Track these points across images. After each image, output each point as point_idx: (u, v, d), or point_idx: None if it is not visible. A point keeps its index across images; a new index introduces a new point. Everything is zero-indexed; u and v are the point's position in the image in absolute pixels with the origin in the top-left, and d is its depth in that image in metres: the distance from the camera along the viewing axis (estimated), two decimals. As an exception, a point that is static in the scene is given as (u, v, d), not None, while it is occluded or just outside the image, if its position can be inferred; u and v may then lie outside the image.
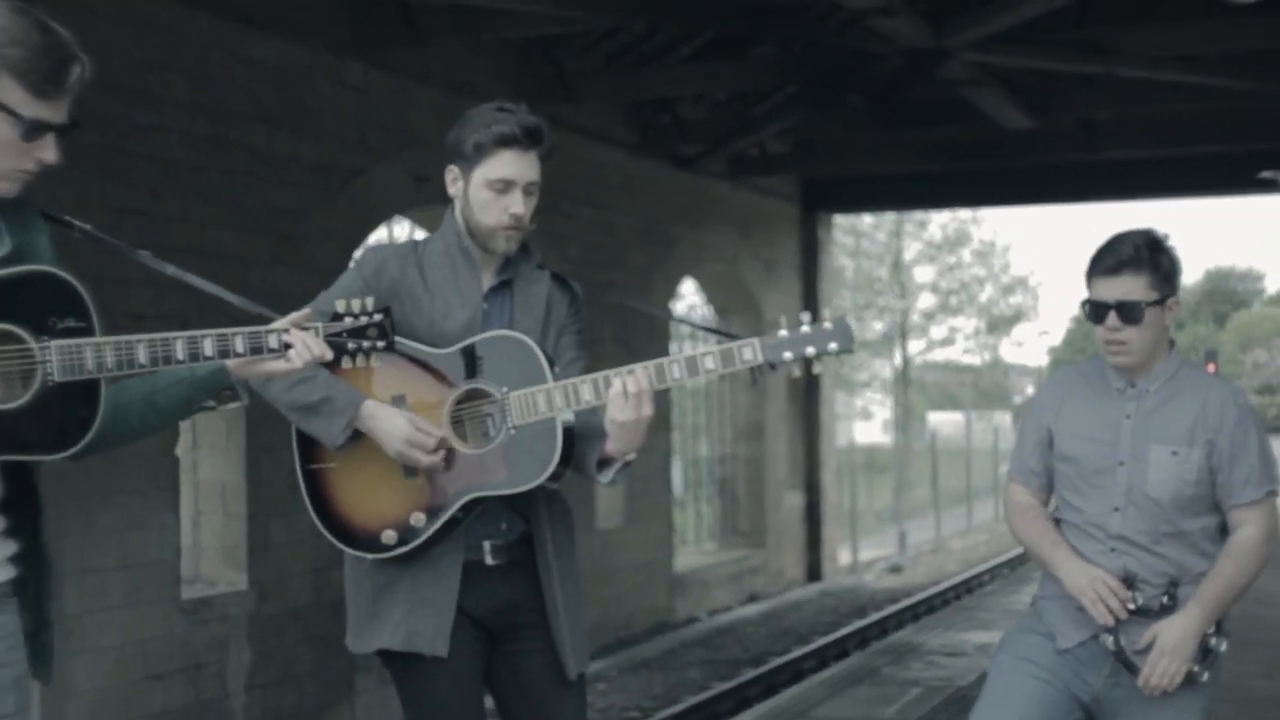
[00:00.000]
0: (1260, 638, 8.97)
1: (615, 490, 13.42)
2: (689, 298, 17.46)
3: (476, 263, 3.85)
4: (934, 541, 24.39)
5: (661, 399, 13.94)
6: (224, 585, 9.28)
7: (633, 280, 13.67)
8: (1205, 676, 3.95)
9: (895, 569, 20.22)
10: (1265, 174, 9.21)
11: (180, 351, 2.94)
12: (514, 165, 3.83)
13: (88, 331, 2.86)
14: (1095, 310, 4.04)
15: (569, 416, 3.70)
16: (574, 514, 3.97)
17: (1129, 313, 3.99)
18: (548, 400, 3.65)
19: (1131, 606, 3.95)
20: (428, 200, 10.68)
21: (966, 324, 41.63)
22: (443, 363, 3.76)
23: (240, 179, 9.07)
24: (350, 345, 3.11)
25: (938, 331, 41.26)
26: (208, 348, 2.97)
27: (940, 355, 43.13)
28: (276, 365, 3.08)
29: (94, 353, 2.84)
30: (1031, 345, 43.19)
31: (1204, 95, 12.41)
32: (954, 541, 24.66)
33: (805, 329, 3.54)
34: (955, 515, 27.03)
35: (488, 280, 3.87)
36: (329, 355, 3.10)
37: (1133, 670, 3.96)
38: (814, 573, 17.79)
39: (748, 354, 3.56)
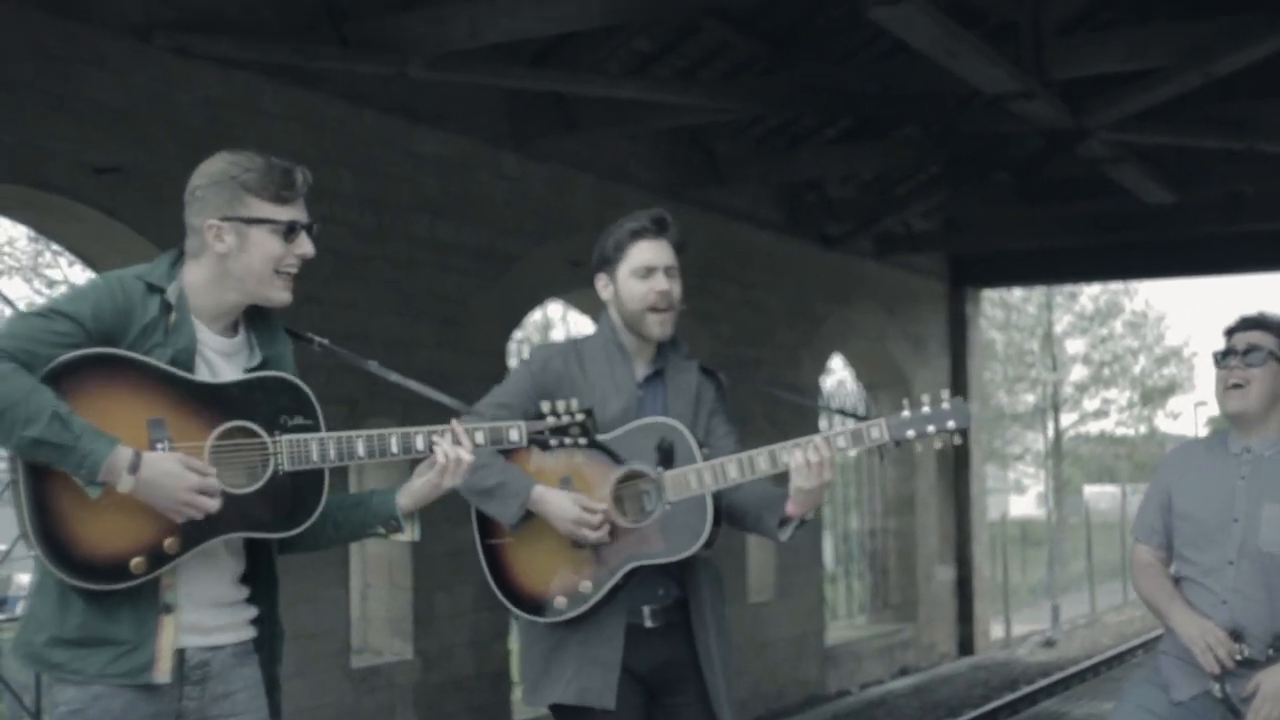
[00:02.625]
0: None
1: (766, 564, 13.66)
2: (838, 373, 17.68)
3: (630, 356, 4.27)
4: (1088, 616, 24.19)
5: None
6: (390, 655, 9.62)
7: (781, 357, 13.95)
8: None
9: (1048, 643, 20.10)
10: None
11: (395, 446, 3.42)
12: (650, 251, 4.28)
13: (314, 428, 3.38)
14: (1221, 355, 4.37)
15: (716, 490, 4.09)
16: (724, 581, 4.34)
17: (1251, 356, 4.29)
18: (698, 478, 4.08)
19: (1238, 657, 4.21)
20: (582, 284, 11.06)
21: (1120, 396, 41.20)
22: (604, 447, 4.15)
23: (404, 267, 9.52)
24: (553, 442, 3.55)
25: (1090, 403, 40.89)
26: (393, 445, 3.44)
27: (1094, 427, 42.68)
28: (438, 486, 3.52)
29: (319, 446, 3.35)
30: (1188, 416, 42.55)
31: (1349, 168, 12.44)
32: (1109, 616, 24.42)
33: (925, 409, 3.92)
34: (1110, 589, 26.76)
35: (641, 371, 4.30)
36: (468, 458, 3.51)
37: (1238, 716, 4.19)
38: (966, 646, 17.80)
39: (875, 433, 3.98)
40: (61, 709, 3.28)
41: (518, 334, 11.05)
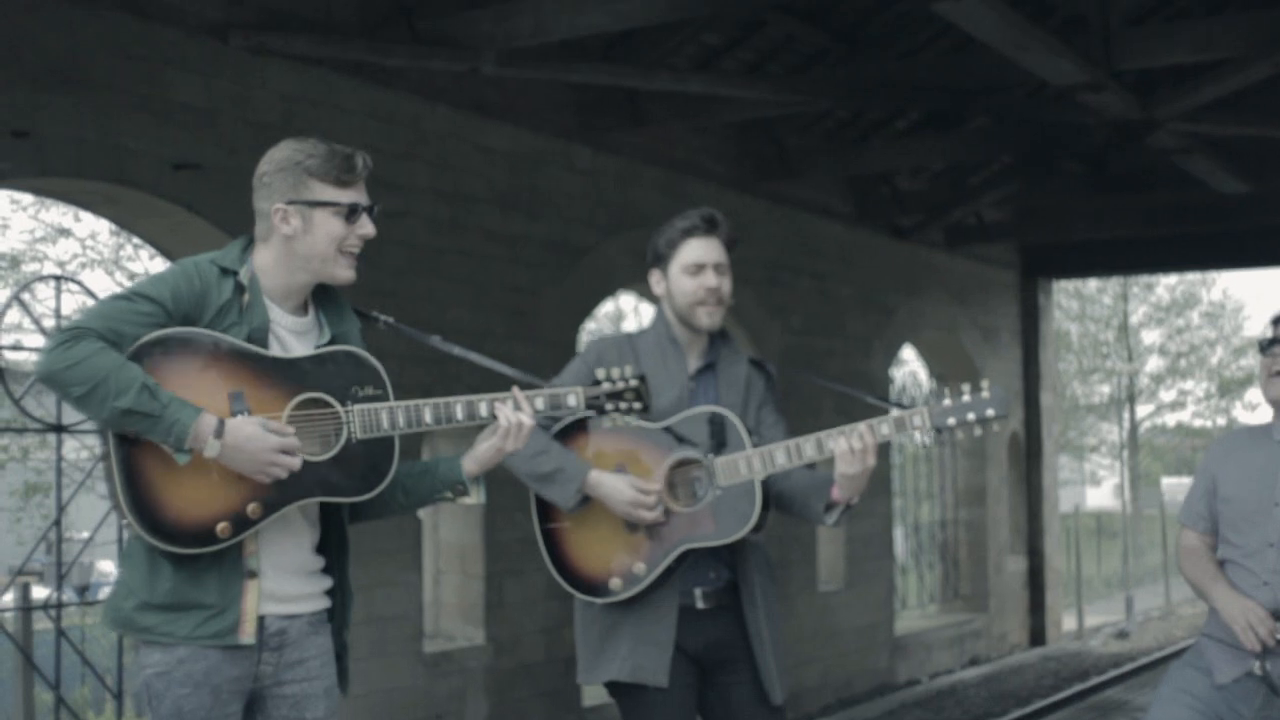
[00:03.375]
0: None
1: (836, 554, 13.75)
2: (909, 364, 17.70)
3: (683, 350, 4.44)
4: (1163, 608, 24.07)
5: (882, 466, 14.24)
6: (462, 640, 9.78)
7: (852, 348, 14.02)
8: None
9: (1121, 635, 20.04)
10: None
11: (460, 412, 3.64)
12: (701, 249, 4.47)
13: (383, 398, 3.59)
14: (1268, 344, 4.47)
15: (765, 476, 4.27)
16: (774, 566, 4.54)
17: None
18: (748, 464, 4.25)
19: (1279, 636, 4.29)
20: (651, 275, 11.20)
21: (1197, 387, 40.86)
22: (658, 434, 4.35)
23: (477, 259, 9.68)
24: (608, 406, 3.74)
25: (1167, 395, 40.57)
26: (459, 412, 3.66)
27: (1170, 419, 42.37)
28: (501, 450, 3.70)
29: (388, 415, 3.56)
30: (1265, 408, 42.12)
31: None
32: (1184, 608, 24.27)
33: (965, 398, 4.08)
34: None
35: (694, 363, 4.50)
36: (529, 421, 3.70)
37: (1278, 693, 4.29)
38: (1037, 637, 17.79)
39: (917, 420, 4.15)
40: (147, 671, 3.49)
41: (589, 325, 11.17)
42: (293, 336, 3.63)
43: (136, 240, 17.76)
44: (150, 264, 19.21)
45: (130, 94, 7.55)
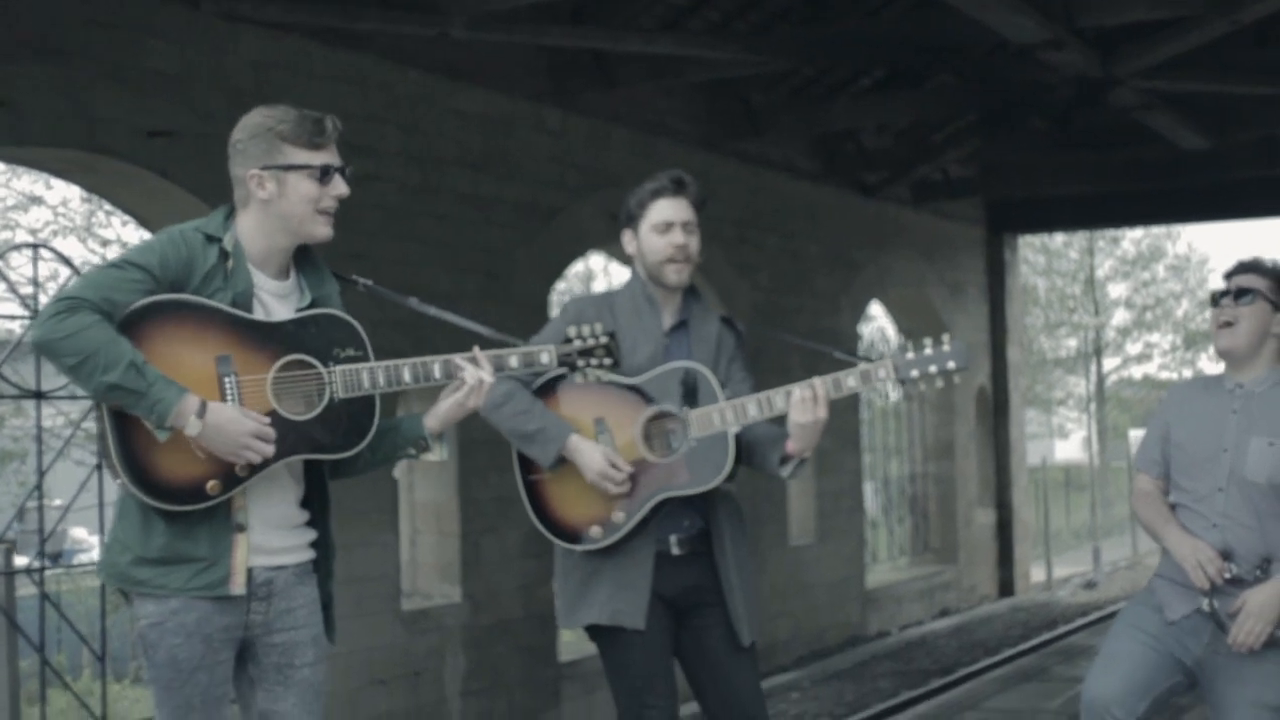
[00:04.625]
0: None
1: (807, 508, 13.92)
2: (877, 320, 17.86)
3: (658, 307, 4.66)
4: (1130, 558, 24.37)
5: (851, 422, 14.38)
6: (439, 598, 9.89)
7: (820, 305, 14.16)
8: None
9: (1089, 585, 20.31)
10: None
11: (438, 371, 3.82)
12: (669, 209, 4.67)
13: (364, 359, 3.76)
14: (1218, 296, 4.68)
15: (738, 428, 4.47)
16: (744, 514, 4.76)
17: (1243, 298, 4.61)
18: (721, 416, 4.47)
19: (1227, 575, 4.54)
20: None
21: (1163, 340, 41.17)
22: (635, 389, 4.58)
23: (450, 222, 9.77)
24: (580, 363, 3.92)
25: (1133, 348, 40.87)
26: (436, 370, 3.84)
27: (1137, 371, 42.70)
28: (463, 406, 3.88)
29: (369, 374, 3.73)
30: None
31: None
32: (1150, 558, 24.55)
33: (928, 351, 4.32)
34: (1153, 532, 26.90)
35: (668, 321, 4.72)
36: (489, 379, 3.87)
37: (1225, 629, 4.49)
38: (1006, 589, 18.03)
39: (881, 373, 4.37)
40: (142, 622, 3.66)
41: (559, 285, 11.29)
42: (275, 300, 3.77)
43: (108, 207, 17.78)
44: (122, 230, 19.24)
45: (103, 61, 7.61)
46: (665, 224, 4.66)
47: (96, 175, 8.18)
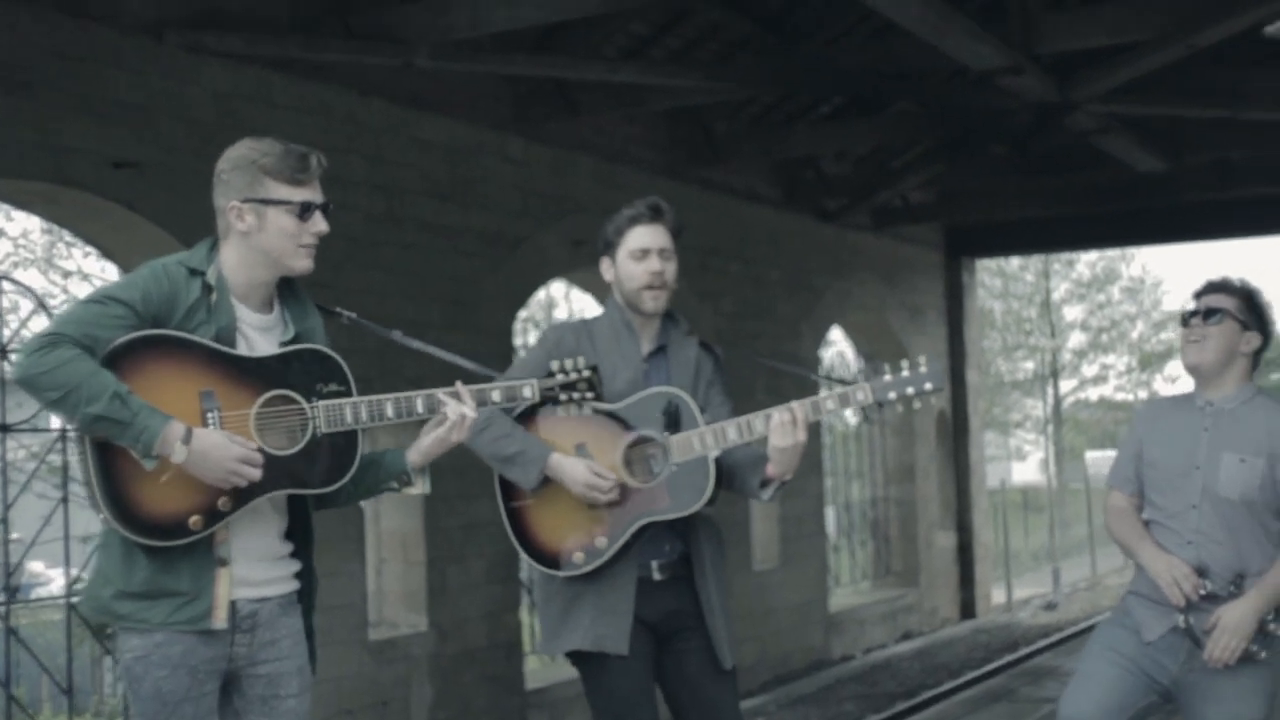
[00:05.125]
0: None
1: (771, 533, 13.96)
2: (837, 344, 17.94)
3: (637, 332, 4.70)
4: (1089, 579, 24.50)
5: (813, 446, 14.41)
6: (406, 628, 9.86)
7: (782, 330, 14.22)
8: (1263, 655, 4.58)
9: (1050, 606, 20.40)
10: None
11: (420, 405, 3.82)
12: (647, 236, 4.72)
13: (347, 393, 3.77)
14: (1187, 316, 4.77)
15: (718, 452, 4.51)
16: (724, 538, 4.80)
17: (1210, 315, 4.70)
18: (701, 441, 4.51)
19: (1202, 591, 4.60)
20: (585, 262, 11.34)
21: (1119, 361, 41.45)
22: (615, 415, 4.61)
23: (415, 251, 9.77)
24: (562, 396, 3.94)
25: (1089, 369, 41.13)
26: (419, 405, 3.84)
27: (1093, 393, 42.95)
28: (446, 441, 3.89)
29: (352, 410, 3.73)
30: (1186, 381, 42.69)
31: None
32: (1110, 578, 24.74)
33: (904, 373, 4.41)
34: (1111, 552, 27.00)
35: (646, 346, 4.77)
36: (472, 414, 3.89)
37: (1200, 646, 4.56)
38: (968, 611, 18.10)
39: (860, 395, 4.43)
40: (127, 656, 3.66)
41: (522, 313, 11.31)
42: (258, 333, 3.78)
43: (69, 238, 17.70)
44: (84, 262, 19.17)
45: (67, 93, 7.61)
46: (642, 251, 4.70)
47: (59, 207, 8.17)
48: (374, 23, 8.74)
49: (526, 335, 11.74)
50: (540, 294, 11.93)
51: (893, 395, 4.41)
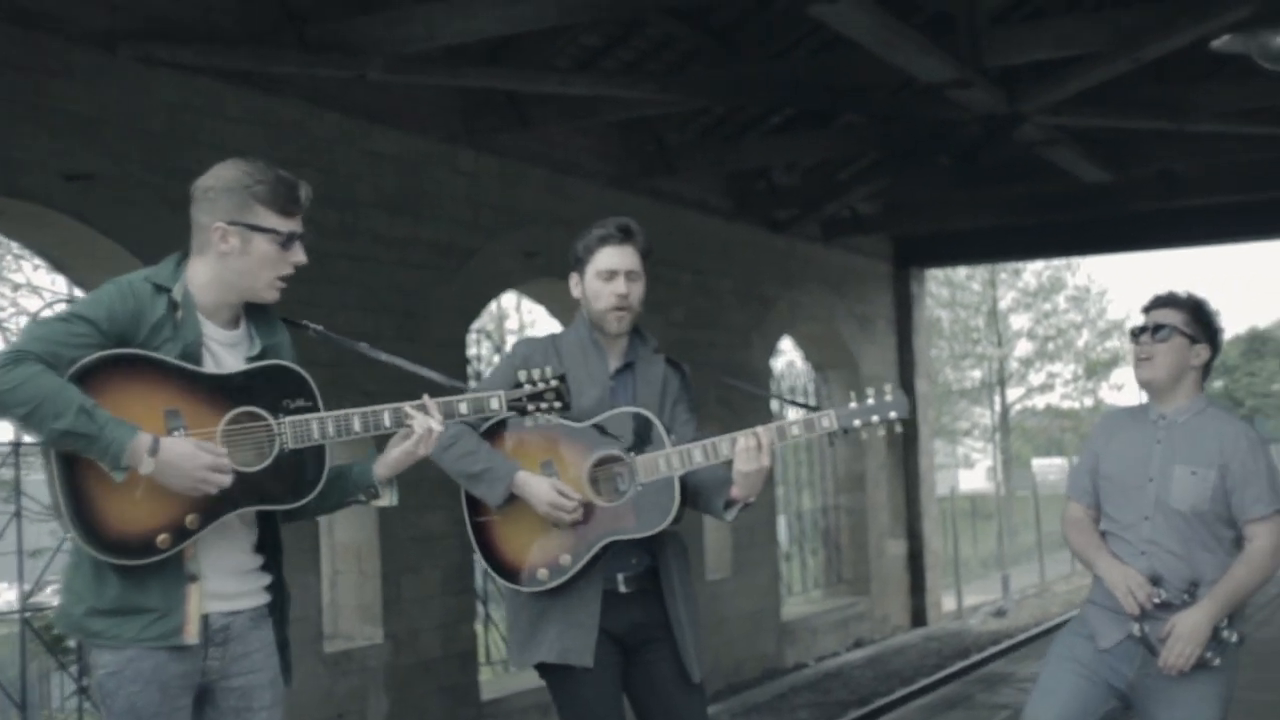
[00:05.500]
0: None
1: (723, 543, 14.00)
2: (787, 354, 18.02)
3: (604, 350, 4.72)
4: (1038, 585, 24.67)
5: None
6: (361, 639, 9.85)
7: (732, 340, 14.28)
8: (1217, 661, 4.71)
9: (999, 613, 20.54)
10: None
11: (388, 419, 3.84)
12: (615, 257, 4.77)
13: (313, 409, 3.78)
14: (1137, 331, 4.86)
15: (683, 473, 4.53)
16: (689, 551, 4.79)
17: (1160, 332, 4.79)
18: (667, 462, 4.53)
19: (1157, 600, 4.71)
20: (536, 274, 11.39)
21: (1065, 369, 41.77)
22: (582, 433, 4.61)
23: (367, 263, 9.76)
24: (530, 407, 3.95)
25: (1036, 378, 41.42)
26: (386, 419, 3.86)
27: (1040, 401, 43.28)
28: (413, 454, 3.90)
29: (319, 425, 3.74)
30: (1131, 388, 43.19)
31: (1274, 145, 12.85)
32: (1058, 585, 24.93)
33: (870, 400, 4.46)
34: (1059, 559, 27.26)
35: (613, 364, 4.79)
36: (439, 427, 3.88)
37: (1155, 653, 4.65)
38: (919, 618, 18.20)
39: (825, 422, 4.51)
40: (100, 672, 3.65)
41: (475, 325, 11.32)
42: (224, 349, 3.78)
43: (18, 250, 17.59)
44: (33, 275, 19.04)
45: (18, 104, 7.58)
46: (609, 272, 4.73)
47: (9, 219, 8.12)
48: (327, 34, 8.74)
49: (480, 347, 11.73)
50: (492, 306, 11.91)
51: (857, 422, 4.48)
